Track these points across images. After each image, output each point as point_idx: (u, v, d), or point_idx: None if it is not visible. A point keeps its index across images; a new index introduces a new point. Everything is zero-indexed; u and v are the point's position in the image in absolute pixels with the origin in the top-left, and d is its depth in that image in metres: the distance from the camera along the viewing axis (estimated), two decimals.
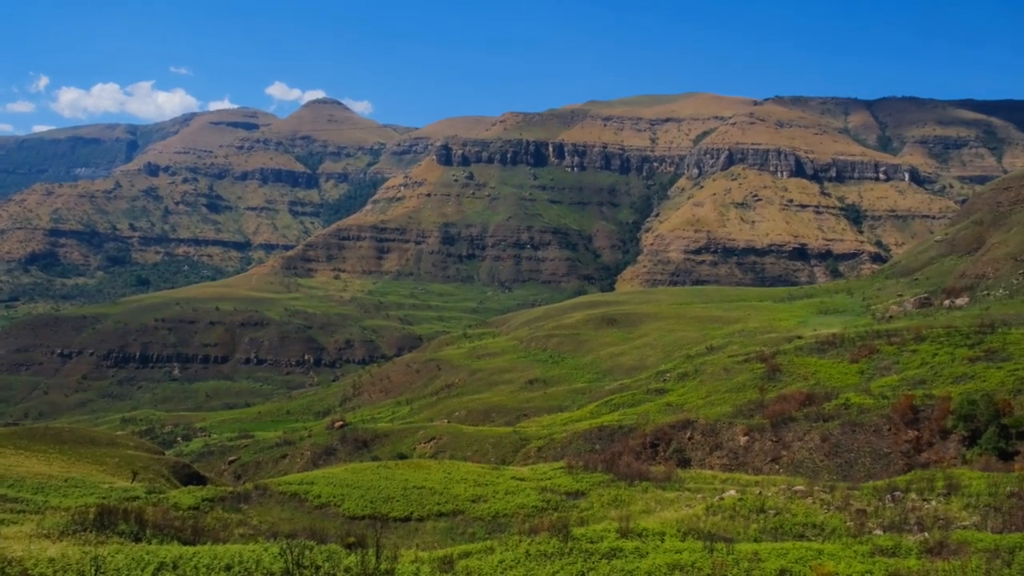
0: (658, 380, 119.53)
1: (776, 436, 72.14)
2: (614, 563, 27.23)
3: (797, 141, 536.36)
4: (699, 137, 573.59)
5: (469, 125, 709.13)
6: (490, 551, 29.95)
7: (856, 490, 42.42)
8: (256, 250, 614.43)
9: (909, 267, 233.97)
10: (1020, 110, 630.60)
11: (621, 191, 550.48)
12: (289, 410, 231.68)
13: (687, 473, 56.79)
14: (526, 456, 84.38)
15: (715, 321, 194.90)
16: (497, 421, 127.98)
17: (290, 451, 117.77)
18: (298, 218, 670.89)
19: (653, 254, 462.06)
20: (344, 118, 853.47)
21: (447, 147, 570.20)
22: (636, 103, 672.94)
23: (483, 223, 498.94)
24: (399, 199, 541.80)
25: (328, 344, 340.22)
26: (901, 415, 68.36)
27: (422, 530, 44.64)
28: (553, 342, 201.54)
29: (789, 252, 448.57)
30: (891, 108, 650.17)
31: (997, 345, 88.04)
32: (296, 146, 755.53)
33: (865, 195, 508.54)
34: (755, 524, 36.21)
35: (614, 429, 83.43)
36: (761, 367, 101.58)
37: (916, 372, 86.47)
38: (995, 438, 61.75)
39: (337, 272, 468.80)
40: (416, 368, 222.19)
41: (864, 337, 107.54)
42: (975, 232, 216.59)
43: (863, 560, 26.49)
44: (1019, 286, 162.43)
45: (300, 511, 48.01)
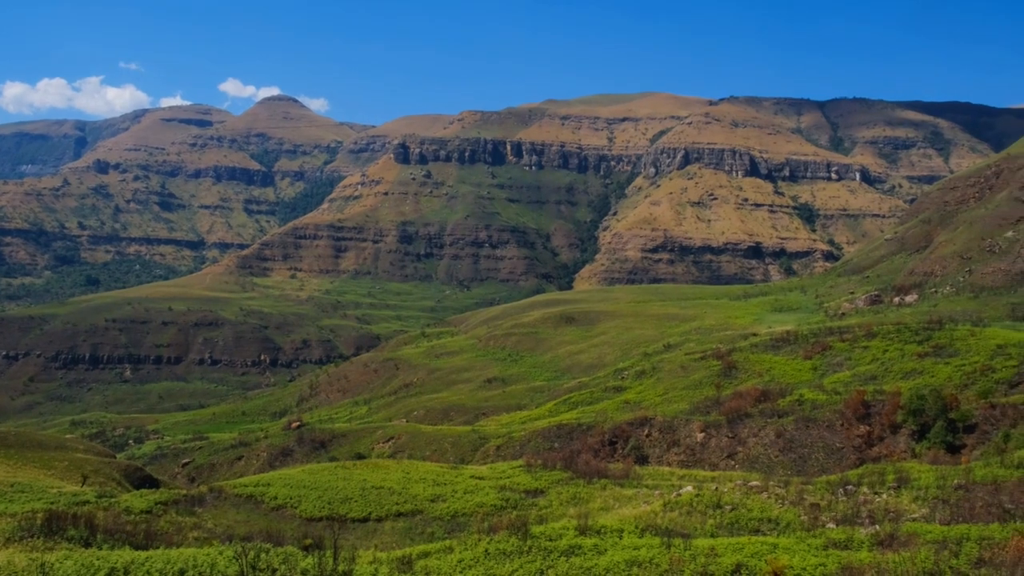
0: (616, 378, 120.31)
1: (732, 432, 73.07)
2: (573, 561, 27.32)
3: (752, 141, 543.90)
4: (656, 136, 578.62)
5: (427, 123, 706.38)
6: (449, 550, 29.87)
7: (810, 485, 43.15)
8: (210, 249, 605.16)
9: (860, 265, 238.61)
10: (965, 112, 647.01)
11: (579, 190, 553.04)
12: (245, 411, 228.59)
13: (645, 470, 57.25)
14: (485, 455, 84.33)
15: (672, 319, 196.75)
16: (456, 420, 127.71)
17: (246, 452, 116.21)
18: (253, 217, 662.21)
19: (611, 253, 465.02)
20: (300, 115, 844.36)
21: (405, 145, 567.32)
22: (594, 102, 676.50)
23: (441, 222, 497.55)
24: (356, 197, 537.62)
25: (285, 344, 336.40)
26: (853, 410, 69.71)
27: (381, 530, 44.35)
28: (512, 341, 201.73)
29: (744, 251, 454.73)
30: (842, 109, 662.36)
31: (945, 341, 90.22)
32: (251, 144, 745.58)
33: (818, 194, 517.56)
34: (712, 520, 36.62)
35: (573, 427, 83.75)
36: (717, 364, 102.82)
37: (867, 368, 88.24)
38: (943, 432, 63.28)
39: (294, 271, 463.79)
40: (374, 368, 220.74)
41: (817, 334, 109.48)
42: (923, 231, 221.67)
43: (817, 553, 26.92)
44: (965, 283, 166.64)
45: (256, 513, 47.38)
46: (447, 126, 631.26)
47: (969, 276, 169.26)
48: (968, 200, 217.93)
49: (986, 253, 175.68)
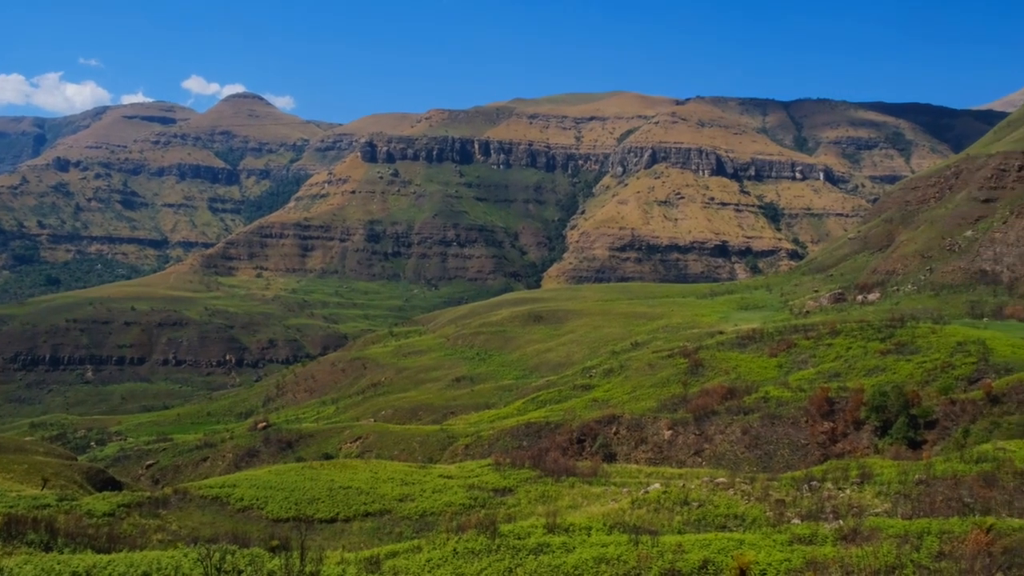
0: (584, 376, 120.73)
1: (699, 429, 73.66)
2: (541, 559, 27.35)
3: (718, 140, 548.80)
4: (623, 136, 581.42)
5: (394, 122, 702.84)
6: (417, 550, 29.76)
7: (775, 481, 43.64)
8: (174, 248, 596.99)
9: (824, 264, 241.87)
10: (925, 113, 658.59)
11: (547, 189, 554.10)
12: (210, 411, 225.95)
13: (613, 468, 57.49)
14: (453, 454, 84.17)
15: (640, 317, 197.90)
16: (424, 419, 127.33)
17: (211, 454, 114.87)
18: (218, 215, 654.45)
19: (579, 251, 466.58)
20: (265, 113, 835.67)
21: (372, 144, 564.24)
22: (561, 101, 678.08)
23: (409, 220, 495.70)
24: (323, 196, 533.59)
25: (251, 344, 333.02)
26: (817, 407, 70.61)
27: (348, 531, 44.08)
28: (480, 339, 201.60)
29: (711, 249, 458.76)
30: (806, 109, 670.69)
31: (906, 338, 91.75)
32: (216, 141, 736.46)
33: (783, 194, 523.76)
34: (679, 516, 36.89)
35: (541, 425, 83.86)
36: (684, 362, 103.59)
37: (831, 365, 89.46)
38: (905, 428, 64.35)
39: (259, 270, 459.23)
40: (341, 367, 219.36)
41: (782, 332, 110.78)
42: (885, 230, 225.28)
43: (782, 549, 27.20)
44: (926, 282, 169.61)
45: (222, 515, 46.85)
46: (414, 124, 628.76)
47: (930, 275, 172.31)
48: (929, 200, 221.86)
49: (946, 252, 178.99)
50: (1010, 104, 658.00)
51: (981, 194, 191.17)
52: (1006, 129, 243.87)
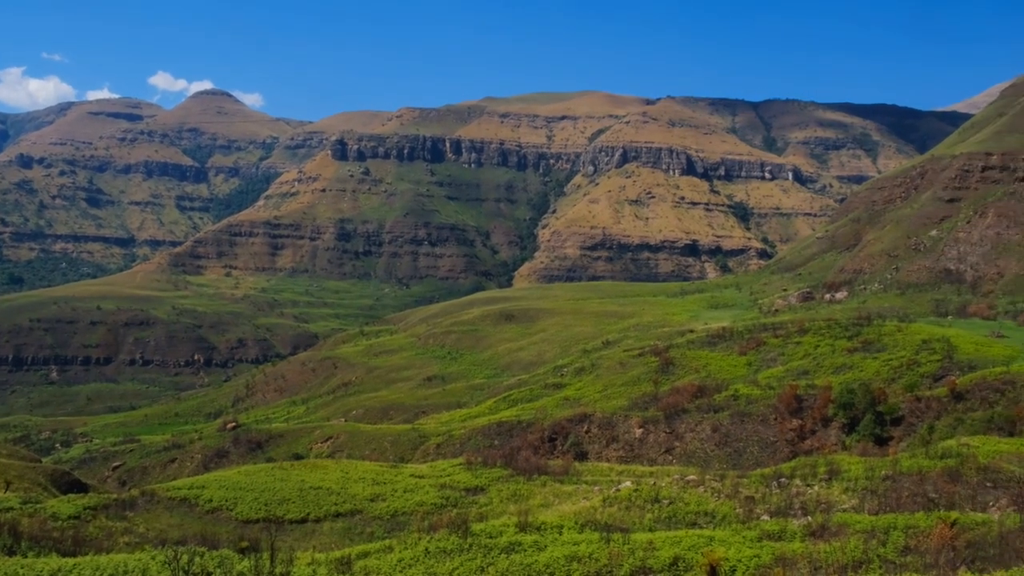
0: (555, 375, 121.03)
1: (670, 427, 74.15)
2: (513, 557, 27.37)
3: (688, 140, 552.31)
4: (594, 135, 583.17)
5: (365, 120, 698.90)
6: (389, 550, 29.65)
7: (745, 478, 44.05)
8: (141, 246, 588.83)
9: (793, 263, 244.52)
10: (891, 114, 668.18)
11: (518, 188, 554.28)
12: (178, 412, 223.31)
13: (584, 466, 57.67)
14: (425, 453, 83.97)
15: (611, 316, 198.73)
16: (395, 419, 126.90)
17: (179, 455, 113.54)
18: (186, 213, 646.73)
19: (550, 250, 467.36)
20: (234, 110, 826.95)
21: (342, 142, 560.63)
22: (532, 100, 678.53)
23: (380, 219, 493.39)
24: (293, 194, 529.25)
25: (219, 343, 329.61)
26: (786, 405, 71.40)
27: (319, 531, 43.82)
28: (451, 339, 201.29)
29: (681, 248, 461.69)
30: (775, 110, 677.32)
31: (873, 336, 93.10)
32: (183, 139, 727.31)
33: (752, 193, 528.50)
34: (650, 514, 37.09)
35: (513, 424, 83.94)
36: (655, 360, 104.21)
37: (800, 363, 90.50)
38: (871, 425, 65.28)
39: (228, 269, 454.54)
40: (312, 367, 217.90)
41: (752, 330, 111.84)
42: (853, 229, 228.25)
43: (751, 545, 27.45)
44: (892, 281, 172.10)
45: (190, 517, 46.35)
46: (385, 123, 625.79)
47: (896, 273, 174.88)
48: (895, 200, 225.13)
49: (912, 251, 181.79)
50: (973, 106, 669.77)
51: (946, 194, 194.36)
52: (970, 130, 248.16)
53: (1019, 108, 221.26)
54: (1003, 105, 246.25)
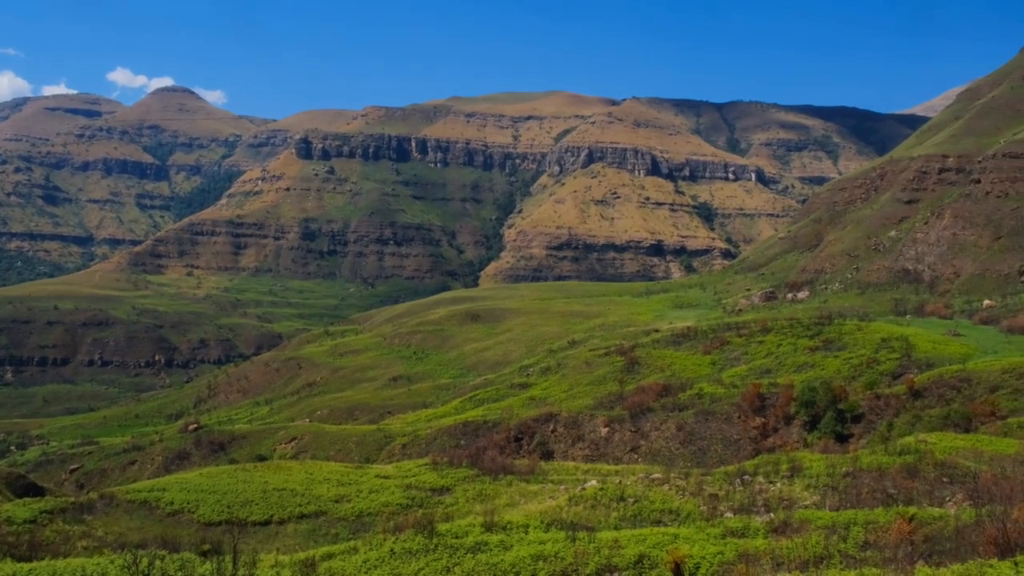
0: (522, 375, 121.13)
1: (635, 426, 74.56)
2: (479, 557, 27.32)
3: (653, 141, 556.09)
4: (560, 135, 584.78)
5: (330, 118, 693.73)
6: (354, 551, 29.45)
7: (709, 476, 44.43)
8: (100, 245, 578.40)
9: (756, 263, 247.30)
10: (852, 116, 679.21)
11: (484, 187, 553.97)
12: (138, 414, 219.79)
13: (550, 465, 57.79)
14: (391, 454, 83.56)
15: (577, 316, 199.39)
16: (361, 419, 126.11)
17: (139, 457, 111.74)
18: (146, 212, 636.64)
19: (516, 250, 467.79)
20: (196, 107, 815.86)
21: (307, 140, 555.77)
22: (499, 100, 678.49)
23: (345, 218, 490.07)
24: (256, 193, 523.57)
25: (181, 344, 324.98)
26: (749, 403, 72.17)
27: (283, 533, 43.37)
28: (417, 338, 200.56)
29: (646, 248, 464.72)
30: (738, 111, 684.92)
31: (834, 335, 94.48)
32: (144, 136, 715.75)
33: (716, 194, 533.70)
34: (615, 512, 37.25)
35: (479, 424, 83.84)
36: (621, 360, 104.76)
37: (763, 362, 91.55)
38: (832, 422, 66.22)
39: (190, 268, 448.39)
40: (276, 367, 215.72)
41: (716, 330, 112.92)
42: (814, 230, 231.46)
43: (715, 542, 27.68)
44: (853, 280, 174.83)
45: (151, 519, 45.62)
46: (350, 121, 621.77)
47: (856, 273, 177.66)
48: (855, 201, 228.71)
49: (872, 251, 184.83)
50: (931, 109, 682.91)
51: (904, 196, 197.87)
52: (927, 133, 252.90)
53: (974, 112, 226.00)
54: (959, 109, 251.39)
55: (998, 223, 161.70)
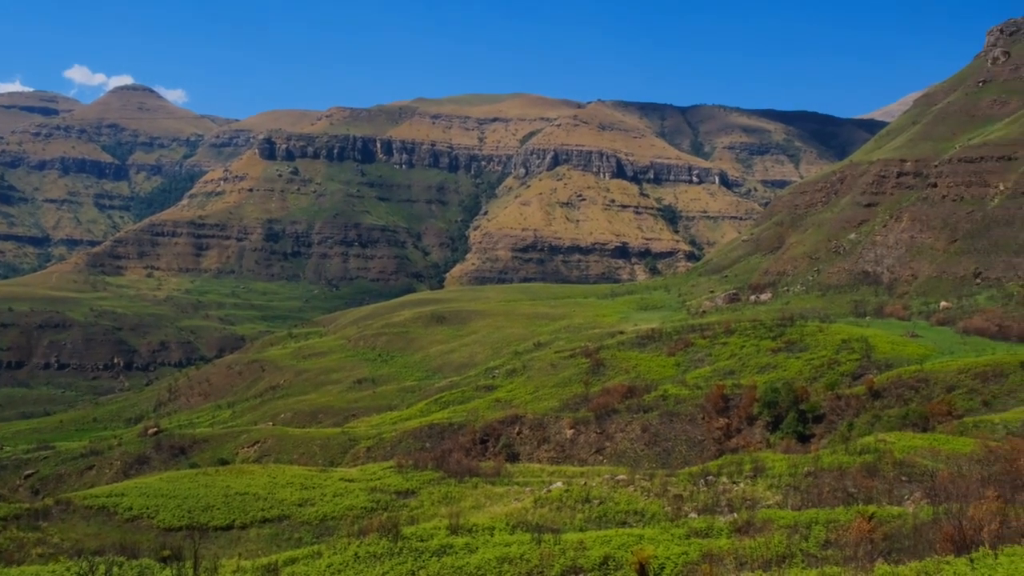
0: (487, 377, 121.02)
1: (600, 428, 74.84)
2: (444, 560, 27.18)
3: (618, 144, 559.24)
4: (526, 137, 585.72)
5: (294, 119, 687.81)
6: (317, 555, 29.15)
7: (673, 476, 44.71)
8: (57, 246, 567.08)
9: (720, 265, 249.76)
10: (813, 121, 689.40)
11: (450, 189, 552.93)
12: (96, 417, 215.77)
13: (516, 467, 57.75)
14: (355, 457, 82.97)
15: (542, 318, 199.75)
16: (325, 422, 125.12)
17: (97, 461, 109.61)
18: (105, 212, 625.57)
19: (482, 252, 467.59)
20: (157, 106, 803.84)
21: (270, 140, 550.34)
22: (464, 102, 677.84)
23: (309, 220, 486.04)
24: (219, 193, 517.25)
25: (140, 346, 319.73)
26: (713, 404, 72.80)
27: (245, 538, 42.82)
28: (382, 341, 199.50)
29: (612, 251, 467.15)
30: (702, 115, 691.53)
31: (796, 337, 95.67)
32: (103, 135, 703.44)
33: (680, 197, 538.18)
34: (581, 514, 37.30)
35: (444, 427, 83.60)
36: (586, 362, 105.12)
37: (726, 363, 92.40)
38: (794, 423, 67.06)
39: (150, 270, 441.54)
40: (238, 370, 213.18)
41: (680, 331, 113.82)
42: (776, 233, 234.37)
43: (680, 542, 27.82)
44: (814, 282, 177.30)
45: (109, 525, 44.78)
46: (315, 122, 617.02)
47: (817, 275, 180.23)
48: (816, 204, 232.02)
49: (832, 254, 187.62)
50: (889, 114, 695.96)
51: (864, 199, 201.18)
52: (886, 138, 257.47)
53: (930, 117, 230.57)
54: (916, 114, 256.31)
55: (954, 226, 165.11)
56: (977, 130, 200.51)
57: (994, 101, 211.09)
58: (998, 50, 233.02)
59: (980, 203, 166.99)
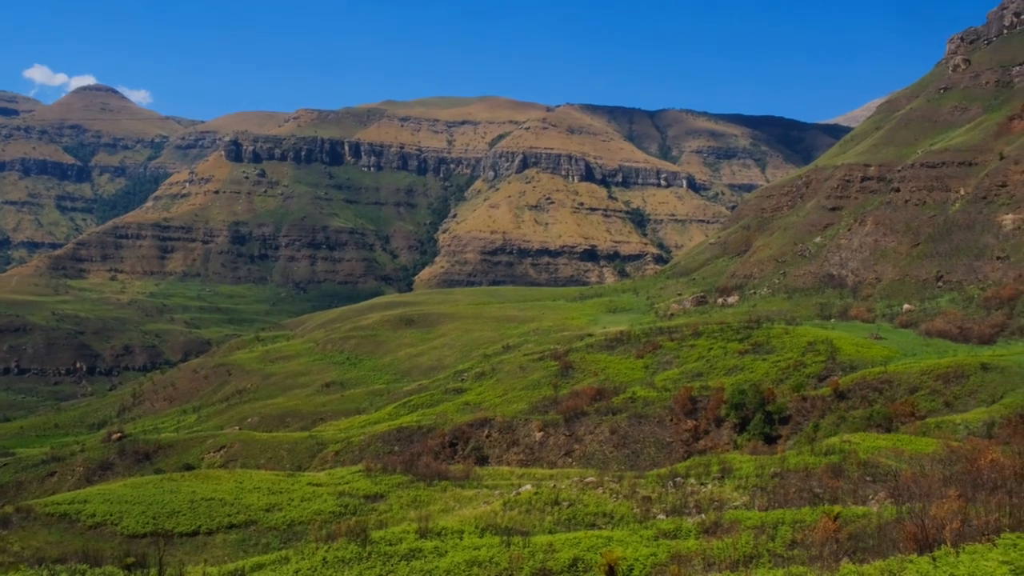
0: (456, 380, 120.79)
1: (569, 430, 75.00)
2: (413, 564, 27.06)
3: (587, 147, 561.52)
4: (495, 140, 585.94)
5: (261, 120, 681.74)
6: (285, 561, 28.88)
7: (642, 478, 44.92)
8: (17, 248, 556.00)
9: (687, 268, 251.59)
10: (779, 125, 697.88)
11: (418, 192, 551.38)
12: (58, 423, 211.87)
13: (485, 470, 57.68)
14: (323, 461, 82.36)
15: (511, 320, 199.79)
16: (293, 426, 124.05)
17: (59, 468, 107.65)
18: (67, 214, 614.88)
19: (450, 255, 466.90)
20: (120, 107, 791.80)
21: (237, 142, 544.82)
22: (433, 104, 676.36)
23: (276, 222, 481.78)
24: (184, 196, 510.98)
25: (104, 350, 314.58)
26: (681, 406, 73.28)
27: (211, 544, 42.29)
28: (350, 344, 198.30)
29: (580, 253, 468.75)
30: (670, 119, 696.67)
31: (762, 339, 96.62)
32: (64, 136, 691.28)
33: (648, 200, 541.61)
34: (550, 516, 37.34)
35: (413, 430, 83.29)
36: (555, 364, 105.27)
37: (694, 366, 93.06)
38: (761, 424, 67.73)
39: (114, 273, 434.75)
40: (204, 374, 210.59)
41: (648, 334, 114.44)
42: (743, 236, 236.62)
43: (648, 544, 27.96)
44: (780, 285, 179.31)
45: (71, 533, 43.98)
46: (282, 124, 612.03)
47: (784, 278, 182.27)
48: (782, 208, 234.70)
49: (798, 257, 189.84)
50: (853, 119, 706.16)
51: (829, 203, 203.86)
52: (850, 143, 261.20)
53: (893, 123, 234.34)
54: (879, 119, 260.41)
55: (916, 230, 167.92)
56: (939, 136, 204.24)
57: (955, 108, 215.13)
58: (959, 58, 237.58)
59: (942, 208, 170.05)
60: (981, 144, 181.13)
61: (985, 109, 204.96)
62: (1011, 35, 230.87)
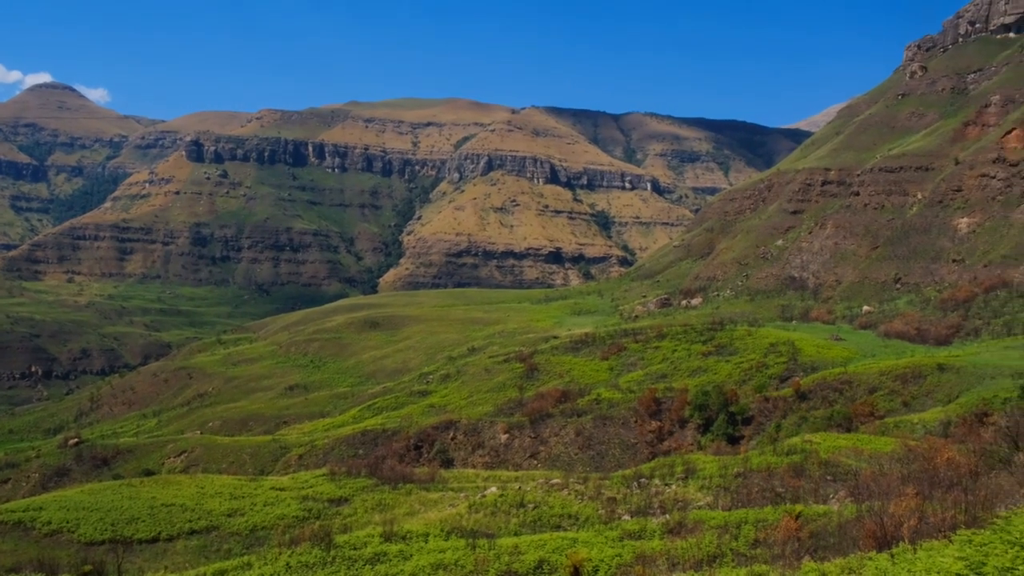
0: (421, 382, 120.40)
1: (535, 432, 75.10)
2: (378, 568, 26.89)
3: (552, 150, 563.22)
4: (460, 142, 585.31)
5: (223, 120, 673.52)
6: (248, 567, 28.53)
7: (607, 480, 45.10)
8: None
9: (652, 270, 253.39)
10: (742, 130, 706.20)
11: (383, 193, 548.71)
12: (12, 429, 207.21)
13: (451, 473, 57.52)
14: (287, 465, 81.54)
15: (476, 323, 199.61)
16: (255, 430, 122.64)
17: (13, 474, 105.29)
18: (22, 214, 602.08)
19: (415, 257, 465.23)
20: (78, 106, 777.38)
21: (198, 142, 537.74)
22: (398, 106, 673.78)
23: (238, 224, 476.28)
24: (144, 196, 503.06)
25: (60, 354, 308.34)
26: (646, 407, 73.75)
27: (172, 551, 41.63)
28: (314, 346, 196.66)
29: (545, 255, 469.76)
30: (634, 122, 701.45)
31: (725, 341, 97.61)
32: (19, 134, 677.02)
33: (613, 203, 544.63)
34: (516, 518, 37.33)
35: (377, 433, 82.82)
36: (520, 366, 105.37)
37: (658, 367, 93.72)
38: (725, 425, 68.41)
39: (71, 275, 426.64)
40: (164, 377, 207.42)
41: (613, 336, 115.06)
42: (707, 239, 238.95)
43: (613, 545, 28.06)
44: (743, 287, 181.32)
45: (26, 541, 43.03)
46: (245, 124, 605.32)
47: (746, 280, 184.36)
48: (745, 211, 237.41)
49: (760, 259, 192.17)
50: (814, 124, 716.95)
51: (790, 206, 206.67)
52: (811, 147, 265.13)
53: (853, 128, 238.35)
54: (839, 124, 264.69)
55: (875, 233, 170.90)
56: (897, 141, 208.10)
57: (912, 113, 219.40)
58: (916, 65, 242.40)
59: (900, 211, 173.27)
60: (937, 150, 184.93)
61: (941, 115, 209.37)
62: (966, 43, 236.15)
